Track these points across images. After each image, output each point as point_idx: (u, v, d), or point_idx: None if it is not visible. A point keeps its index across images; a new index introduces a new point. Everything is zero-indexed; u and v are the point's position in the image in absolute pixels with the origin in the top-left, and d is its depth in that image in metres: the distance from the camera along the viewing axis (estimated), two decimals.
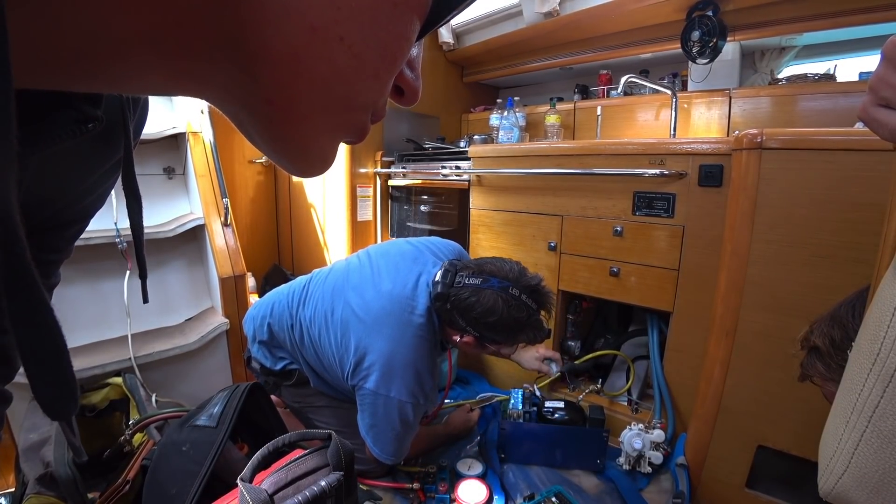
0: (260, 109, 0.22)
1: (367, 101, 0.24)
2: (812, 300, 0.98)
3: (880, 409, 0.40)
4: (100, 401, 1.27)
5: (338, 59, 0.21)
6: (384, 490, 1.21)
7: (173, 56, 0.19)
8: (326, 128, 0.24)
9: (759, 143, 1.02)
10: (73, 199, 0.37)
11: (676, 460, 1.21)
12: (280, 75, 0.20)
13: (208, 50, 0.19)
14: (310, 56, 0.20)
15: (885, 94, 0.41)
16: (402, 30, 0.22)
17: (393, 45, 0.22)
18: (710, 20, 1.63)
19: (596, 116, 2.05)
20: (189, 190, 1.81)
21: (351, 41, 0.20)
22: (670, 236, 1.29)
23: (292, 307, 1.30)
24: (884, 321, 0.40)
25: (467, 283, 1.10)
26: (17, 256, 0.17)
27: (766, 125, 1.64)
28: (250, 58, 0.19)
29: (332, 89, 0.22)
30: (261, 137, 0.24)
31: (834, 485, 0.45)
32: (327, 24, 0.19)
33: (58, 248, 0.39)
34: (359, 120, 0.25)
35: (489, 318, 1.08)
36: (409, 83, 0.27)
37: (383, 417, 1.13)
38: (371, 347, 1.12)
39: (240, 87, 0.21)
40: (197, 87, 0.22)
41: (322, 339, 1.21)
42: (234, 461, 0.98)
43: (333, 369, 1.22)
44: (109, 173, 0.38)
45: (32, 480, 0.96)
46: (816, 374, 0.70)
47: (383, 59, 0.22)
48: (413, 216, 2.20)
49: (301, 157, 0.25)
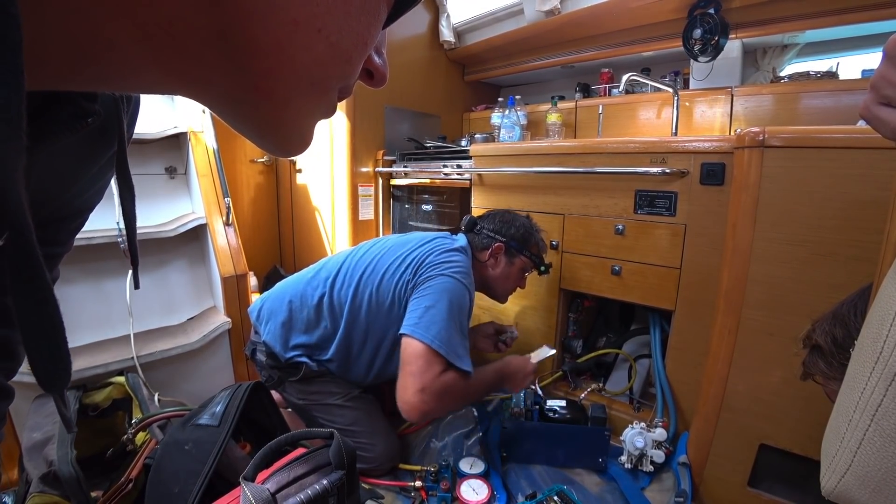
0: (247, 97, 0.24)
1: (339, 82, 0.27)
2: (814, 298, 0.98)
3: (883, 407, 0.40)
4: (102, 400, 1.28)
5: (316, 48, 0.23)
6: (386, 489, 1.21)
7: (166, 55, 0.21)
8: (306, 109, 0.27)
9: (762, 141, 1.02)
10: (73, 193, 0.37)
11: (678, 459, 1.21)
12: (265, 65, 0.22)
13: (198, 46, 0.21)
14: (292, 46, 0.22)
15: (888, 92, 0.40)
16: (371, 19, 0.25)
17: (364, 32, 0.25)
18: (712, 18, 1.62)
19: (597, 115, 2.05)
20: (191, 189, 1.81)
21: (328, 32, 0.23)
22: (672, 235, 1.29)
23: (319, 277, 1.34)
24: (886, 320, 0.40)
25: (490, 215, 1.45)
26: (28, 242, 0.19)
27: (768, 123, 1.64)
28: (238, 50, 0.21)
29: (311, 75, 0.24)
30: (247, 123, 0.26)
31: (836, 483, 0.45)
32: (307, 17, 0.21)
33: (60, 241, 0.40)
34: (332, 100, 0.28)
35: (511, 223, 1.41)
36: (377, 67, 0.29)
37: (442, 297, 1.19)
38: (430, 252, 1.28)
39: (228, 78, 0.23)
40: (187, 84, 0.24)
41: (374, 277, 1.28)
42: (236, 460, 0.99)
43: (380, 312, 1.25)
44: (107, 167, 0.39)
45: (36, 479, 0.97)
46: (818, 372, 0.70)
47: (356, 45, 0.25)
48: (414, 215, 2.20)
49: (285, 138, 0.28)
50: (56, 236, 0.39)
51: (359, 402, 1.33)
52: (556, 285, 1.57)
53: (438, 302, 1.18)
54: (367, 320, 1.27)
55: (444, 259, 1.25)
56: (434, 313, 1.16)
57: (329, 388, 1.31)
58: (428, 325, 1.15)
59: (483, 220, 1.44)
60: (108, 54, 0.19)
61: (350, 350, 1.29)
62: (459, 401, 1.20)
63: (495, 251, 1.38)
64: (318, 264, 1.42)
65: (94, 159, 0.37)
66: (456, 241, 1.36)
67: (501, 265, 1.39)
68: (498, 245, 1.38)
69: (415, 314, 1.18)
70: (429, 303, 1.18)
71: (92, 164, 0.37)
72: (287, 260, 2.60)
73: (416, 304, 1.20)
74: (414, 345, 1.13)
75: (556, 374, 1.62)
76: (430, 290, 1.21)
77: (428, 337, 1.13)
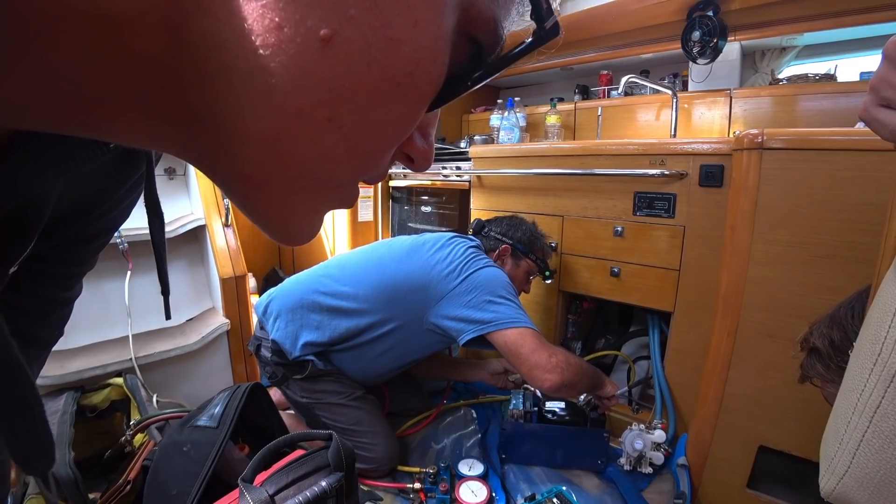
0: (236, 184, 0.21)
1: (358, 176, 0.23)
2: (813, 300, 0.98)
3: (881, 409, 0.40)
4: (101, 401, 1.27)
5: (324, 141, 0.19)
6: (385, 490, 1.21)
7: (155, 118, 0.19)
8: (309, 205, 0.23)
9: (760, 143, 1.02)
10: (98, 214, 0.36)
11: (677, 461, 1.21)
12: (257, 154, 0.19)
13: (188, 118, 0.18)
14: (292, 138, 0.18)
15: (887, 94, 0.41)
16: (405, 109, 0.20)
17: (392, 123, 0.20)
18: (711, 20, 1.63)
19: (596, 117, 2.05)
20: (190, 190, 1.81)
21: (341, 122, 0.18)
22: (671, 236, 1.29)
23: (332, 275, 1.35)
24: (885, 322, 0.40)
25: (497, 219, 1.50)
26: None
27: (766, 125, 1.64)
28: (226, 133, 0.18)
29: (315, 170, 0.20)
30: (240, 208, 0.23)
31: (835, 485, 0.45)
32: (316, 105, 0.18)
33: (82, 260, 0.39)
34: (347, 193, 0.24)
35: (518, 226, 1.44)
36: (418, 150, 0.24)
37: (495, 285, 1.23)
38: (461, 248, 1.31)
39: (216, 159, 0.20)
40: (178, 151, 0.21)
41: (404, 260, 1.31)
42: (234, 461, 0.98)
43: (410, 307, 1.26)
44: (133, 188, 0.38)
45: (33, 481, 0.96)
46: (816, 375, 0.70)
47: (380, 138, 0.21)
48: (414, 217, 2.20)
49: (281, 232, 0.24)
50: (79, 255, 0.38)
51: (362, 403, 1.33)
52: (555, 287, 1.57)
53: (494, 290, 1.22)
54: (395, 316, 1.28)
55: (473, 255, 1.30)
56: (498, 302, 1.21)
57: (333, 388, 1.31)
58: (504, 314, 1.19)
59: (490, 224, 1.48)
60: (95, 111, 0.18)
61: (368, 346, 1.29)
62: (575, 368, 1.16)
63: (502, 253, 1.41)
64: (330, 263, 1.43)
65: (120, 181, 0.36)
66: (472, 240, 1.40)
67: (507, 267, 1.40)
68: (505, 247, 1.41)
69: (483, 311, 1.20)
70: (488, 297, 1.21)
71: (118, 185, 0.36)
72: (286, 262, 2.60)
73: (475, 299, 1.21)
74: (508, 334, 1.16)
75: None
76: (480, 283, 1.23)
77: (513, 323, 1.17)
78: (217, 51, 0.16)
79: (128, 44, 0.16)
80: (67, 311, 0.41)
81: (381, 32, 0.17)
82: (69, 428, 1.08)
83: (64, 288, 0.39)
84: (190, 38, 0.16)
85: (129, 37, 0.16)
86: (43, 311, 0.38)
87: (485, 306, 1.19)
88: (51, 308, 0.38)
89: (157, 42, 0.16)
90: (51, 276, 0.37)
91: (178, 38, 0.16)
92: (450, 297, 1.22)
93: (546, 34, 0.21)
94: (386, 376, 1.37)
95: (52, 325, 0.40)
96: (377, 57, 0.17)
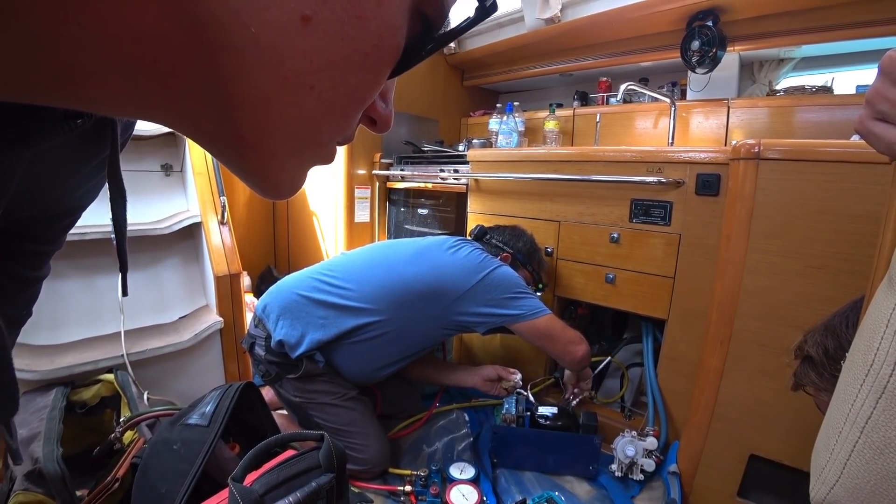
0: (231, 144, 0.23)
1: (334, 136, 0.26)
2: (806, 310, 0.99)
3: (873, 420, 0.40)
4: (91, 397, 1.26)
5: (307, 105, 0.22)
6: (376, 492, 1.20)
7: (147, 90, 0.20)
8: (295, 162, 0.26)
9: (757, 153, 1.03)
10: (63, 191, 0.37)
11: (669, 468, 1.22)
12: (251, 117, 0.21)
13: (183, 88, 0.20)
14: (281, 103, 0.21)
15: (882, 107, 0.41)
16: (371, 76, 0.23)
17: (361, 89, 0.23)
18: (710, 30, 1.64)
19: (595, 123, 2.06)
20: (186, 187, 1.80)
21: (321, 89, 0.21)
22: (666, 244, 1.30)
23: (336, 276, 1.36)
24: (878, 333, 0.41)
25: (499, 228, 1.56)
26: None
27: (763, 136, 1.65)
28: (223, 99, 0.20)
29: (300, 130, 0.23)
30: (233, 167, 0.25)
31: (825, 495, 0.45)
32: (299, 74, 0.20)
33: (50, 238, 0.40)
34: (326, 151, 0.27)
35: (519, 237, 1.51)
36: (380, 114, 0.28)
37: (509, 283, 1.34)
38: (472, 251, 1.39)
39: (212, 123, 0.22)
40: (171, 120, 0.23)
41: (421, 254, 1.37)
42: (225, 460, 0.98)
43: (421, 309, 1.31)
44: (100, 167, 0.38)
45: (20, 477, 0.95)
46: (809, 383, 0.70)
47: (351, 101, 0.24)
48: (411, 218, 2.20)
49: (271, 187, 0.27)
50: (45, 233, 0.39)
51: (354, 403, 1.33)
52: (549, 292, 1.57)
53: (512, 288, 1.33)
54: (401, 314, 1.29)
55: (485, 257, 1.38)
56: (521, 297, 1.33)
57: (326, 388, 1.31)
58: (530, 306, 1.32)
59: (493, 231, 1.53)
60: (88, 81, 0.19)
61: (372, 341, 1.29)
62: None
63: (503, 260, 1.42)
64: (331, 262, 1.44)
65: (85, 159, 0.36)
66: (476, 244, 1.45)
67: None
68: (506, 255, 1.45)
69: (508, 308, 1.31)
70: (509, 294, 1.32)
71: (83, 164, 0.36)
72: (281, 261, 2.59)
73: (496, 297, 1.31)
74: (539, 322, 1.31)
75: (547, 381, 1.62)
76: (498, 282, 1.32)
77: (541, 312, 1.31)
78: (214, 28, 0.18)
79: (124, 21, 0.17)
80: (36, 290, 0.42)
81: (352, 12, 0.20)
82: (58, 424, 1.07)
83: (33, 267, 0.40)
84: (188, 16, 0.17)
85: (127, 14, 0.17)
86: (12, 288, 0.39)
87: (508, 303, 1.31)
88: (19, 286, 0.40)
89: (154, 19, 0.17)
90: (19, 254, 0.38)
91: (176, 17, 0.17)
92: (468, 295, 1.30)
93: (485, 11, 0.24)
94: (385, 370, 1.36)
95: (21, 304, 0.41)
96: (349, 33, 0.20)
